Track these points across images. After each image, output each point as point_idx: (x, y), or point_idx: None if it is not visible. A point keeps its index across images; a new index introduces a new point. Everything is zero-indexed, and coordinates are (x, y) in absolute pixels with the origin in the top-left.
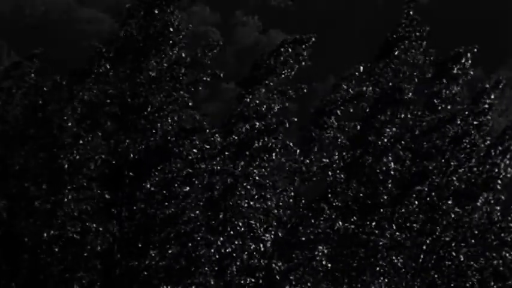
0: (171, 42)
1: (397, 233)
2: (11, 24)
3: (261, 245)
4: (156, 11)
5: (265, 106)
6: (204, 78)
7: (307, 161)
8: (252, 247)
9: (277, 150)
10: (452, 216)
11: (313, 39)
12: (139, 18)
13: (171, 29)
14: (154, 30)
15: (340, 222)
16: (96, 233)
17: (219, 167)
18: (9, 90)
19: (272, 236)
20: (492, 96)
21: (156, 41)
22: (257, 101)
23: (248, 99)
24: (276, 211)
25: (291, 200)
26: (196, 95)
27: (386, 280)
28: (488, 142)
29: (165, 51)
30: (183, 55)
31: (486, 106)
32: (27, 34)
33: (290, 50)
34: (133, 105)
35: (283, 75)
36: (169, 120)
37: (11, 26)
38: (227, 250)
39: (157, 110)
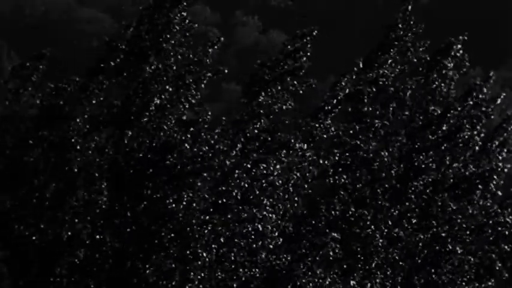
0: (176, 41)
1: (395, 228)
2: (11, 24)
3: (269, 240)
4: (162, 10)
5: (274, 106)
6: (208, 75)
7: (309, 159)
8: (259, 242)
9: (285, 147)
10: (449, 210)
11: (316, 31)
12: (146, 18)
13: (177, 28)
14: (159, 29)
15: (353, 209)
16: (102, 234)
17: (227, 163)
18: (17, 90)
19: (281, 231)
20: (484, 91)
21: (162, 40)
22: (263, 101)
23: (256, 100)
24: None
25: (296, 197)
26: (197, 94)
27: (384, 276)
28: (483, 136)
29: (170, 50)
30: (188, 54)
31: (478, 101)
32: (27, 34)
33: (294, 47)
34: (138, 103)
35: (290, 75)
36: (174, 118)
37: (11, 26)
38: (234, 245)
39: (162, 108)
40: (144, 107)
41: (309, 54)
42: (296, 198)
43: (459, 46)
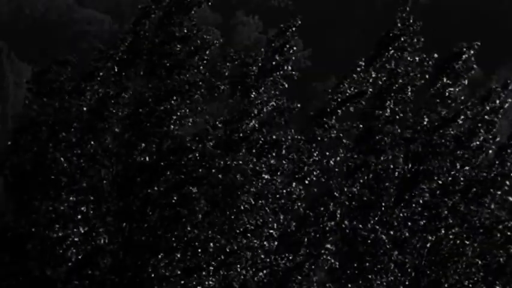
0: (203, 52)
1: (401, 231)
2: (11, 24)
3: (267, 243)
4: (172, 15)
5: (265, 104)
6: (222, 87)
7: (310, 160)
8: (257, 244)
9: (283, 146)
10: (459, 213)
11: (299, 22)
12: (155, 21)
13: (190, 35)
14: (171, 35)
15: (347, 222)
16: (106, 236)
17: (223, 164)
18: (37, 92)
19: (278, 233)
20: (502, 96)
21: (174, 47)
22: (257, 99)
23: (248, 98)
24: (281, 208)
25: (294, 197)
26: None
27: (390, 278)
28: (496, 141)
29: (184, 57)
30: (201, 63)
31: (495, 106)
32: (27, 34)
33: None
34: (148, 108)
35: (280, 71)
36: (183, 125)
37: (11, 27)
38: (233, 248)
39: (172, 114)
40: (157, 113)
41: (294, 47)
42: (294, 202)
43: (472, 52)
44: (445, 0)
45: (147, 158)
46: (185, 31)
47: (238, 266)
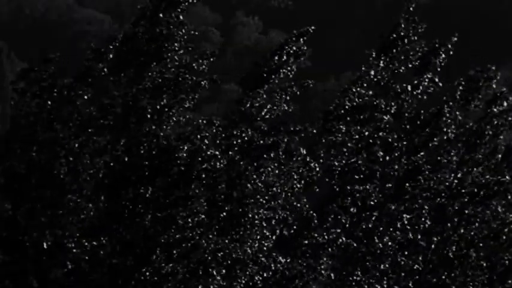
0: (174, 46)
1: (405, 233)
2: (11, 24)
3: (266, 247)
4: (161, 15)
5: (268, 106)
6: (202, 83)
7: (313, 163)
8: (256, 248)
9: (282, 150)
10: (465, 215)
11: (311, 30)
12: (146, 20)
13: (176, 33)
14: (158, 33)
15: (344, 238)
16: (100, 239)
17: (221, 166)
18: (23, 91)
19: (276, 238)
20: (510, 99)
21: (160, 44)
22: (259, 101)
23: (250, 100)
24: (280, 213)
25: (295, 203)
26: (197, 97)
27: (391, 281)
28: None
29: (168, 55)
30: (185, 60)
31: (504, 108)
32: (27, 34)
33: (290, 47)
34: (135, 108)
35: (284, 73)
36: (170, 124)
37: (11, 27)
38: (232, 252)
39: (159, 114)
40: (141, 112)
41: (304, 52)
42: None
43: (449, 46)
44: (445, 0)
45: (138, 158)
46: (171, 27)
47: (242, 273)
